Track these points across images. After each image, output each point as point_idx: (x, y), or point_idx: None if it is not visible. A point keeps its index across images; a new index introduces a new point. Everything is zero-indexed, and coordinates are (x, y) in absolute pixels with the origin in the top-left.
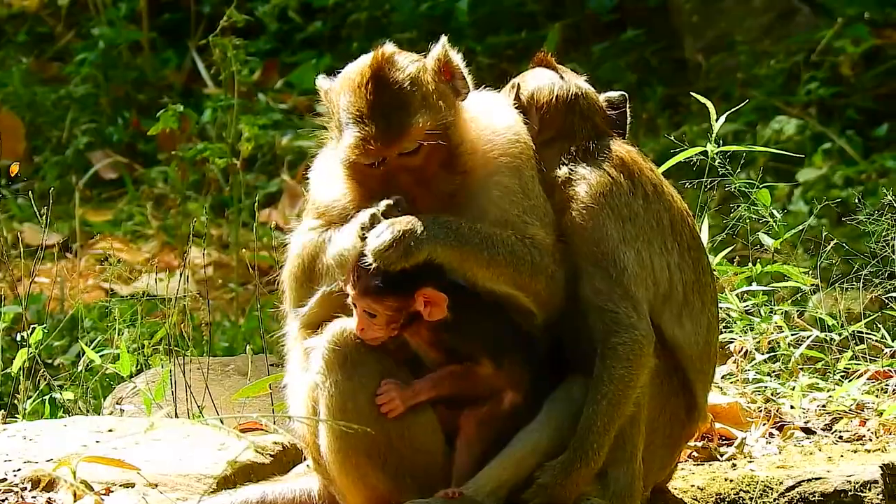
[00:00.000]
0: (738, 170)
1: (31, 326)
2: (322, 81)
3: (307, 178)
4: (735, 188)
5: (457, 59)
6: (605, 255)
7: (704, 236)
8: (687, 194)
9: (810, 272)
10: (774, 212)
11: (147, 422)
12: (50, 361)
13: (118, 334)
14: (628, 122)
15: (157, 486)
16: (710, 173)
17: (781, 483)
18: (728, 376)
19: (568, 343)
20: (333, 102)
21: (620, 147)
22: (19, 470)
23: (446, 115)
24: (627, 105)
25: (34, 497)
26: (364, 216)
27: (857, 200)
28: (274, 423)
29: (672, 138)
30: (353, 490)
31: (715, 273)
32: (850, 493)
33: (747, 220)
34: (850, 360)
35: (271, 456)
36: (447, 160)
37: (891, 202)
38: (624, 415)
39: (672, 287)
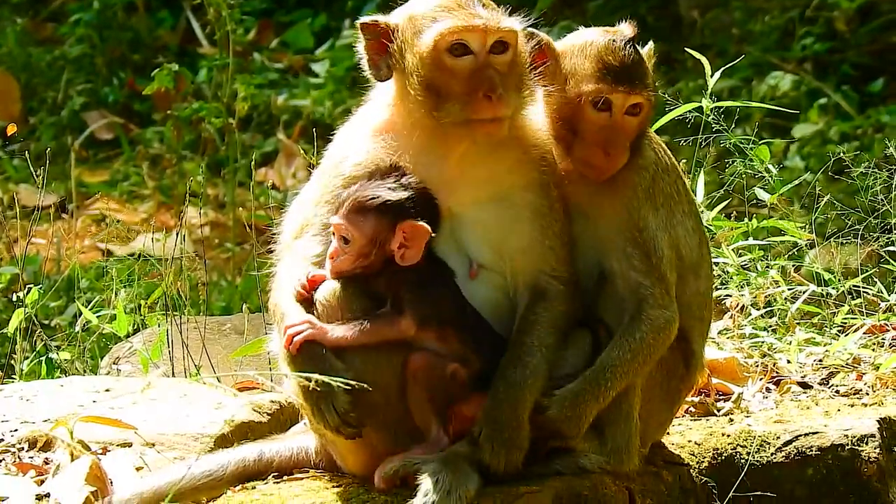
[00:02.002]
0: (734, 126)
1: (28, 287)
2: (374, 17)
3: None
4: (730, 144)
5: None
6: (645, 242)
7: (700, 193)
8: (682, 151)
9: (806, 227)
10: (770, 167)
11: (144, 381)
12: (47, 322)
13: (115, 294)
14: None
15: (154, 445)
16: (705, 130)
17: (778, 437)
18: (725, 332)
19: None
20: (410, 18)
21: None
22: (16, 430)
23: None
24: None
25: (31, 457)
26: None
27: (850, 154)
28: (271, 380)
29: (667, 96)
30: (351, 449)
31: (710, 227)
32: (847, 448)
33: (743, 176)
34: (846, 314)
35: (268, 415)
36: (519, 83)
37: (887, 156)
38: (637, 375)
39: (690, 253)
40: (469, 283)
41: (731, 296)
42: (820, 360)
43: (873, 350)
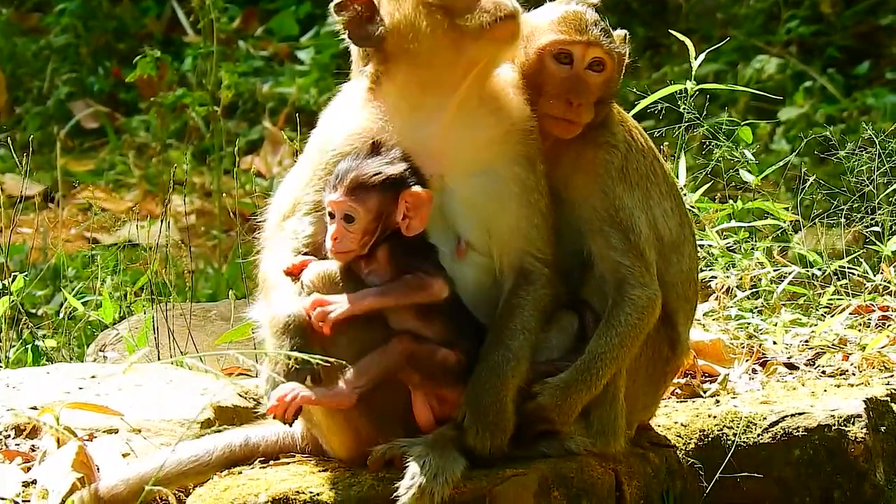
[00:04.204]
0: (721, 110)
1: (13, 274)
2: None
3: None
4: (709, 127)
5: None
6: (622, 221)
7: (682, 176)
8: (668, 136)
9: (790, 209)
10: (747, 151)
11: (126, 363)
12: (34, 311)
13: (101, 282)
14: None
15: (140, 431)
16: (690, 114)
17: (765, 418)
18: (710, 313)
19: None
20: None
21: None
22: (2, 418)
23: None
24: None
25: (18, 444)
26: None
27: (836, 136)
28: (256, 361)
29: (640, 92)
30: (337, 433)
31: (693, 209)
32: (833, 428)
33: (722, 160)
34: (832, 295)
35: (254, 399)
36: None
37: (871, 138)
38: (626, 359)
39: (670, 233)
40: (455, 264)
41: (716, 277)
42: (806, 341)
43: (859, 331)
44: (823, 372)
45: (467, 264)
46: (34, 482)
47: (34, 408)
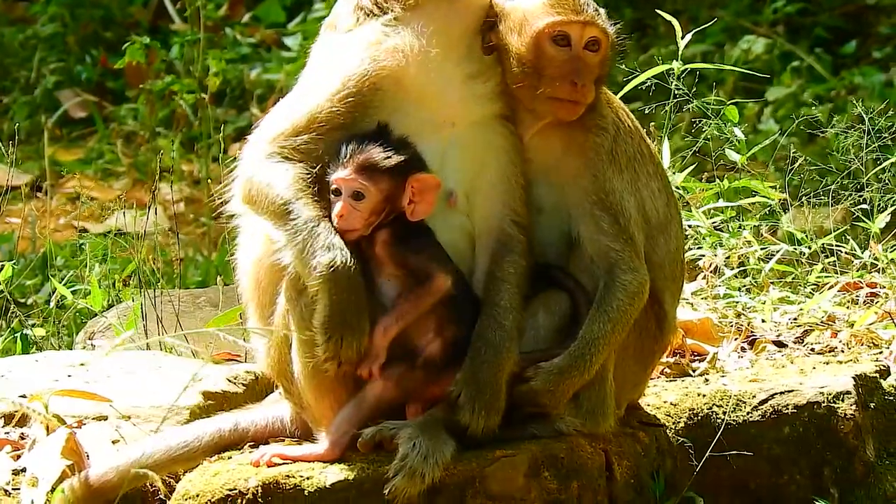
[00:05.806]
0: (709, 91)
1: (1, 263)
2: None
3: None
4: (696, 106)
5: None
6: (612, 205)
7: (666, 157)
8: (656, 117)
9: (777, 187)
10: (737, 130)
11: (112, 347)
12: (23, 300)
13: (89, 271)
14: None
15: (129, 418)
16: (677, 95)
17: (754, 396)
18: (699, 292)
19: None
20: None
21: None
22: None
23: None
24: None
25: (7, 433)
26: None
27: (824, 116)
28: (243, 338)
29: (628, 71)
30: (328, 415)
31: (682, 189)
32: (822, 405)
33: (711, 139)
34: (820, 272)
35: (244, 385)
36: None
37: (860, 115)
38: (618, 343)
39: (657, 214)
40: (438, 222)
41: (704, 256)
42: (794, 319)
43: (847, 308)
44: (812, 349)
45: (449, 227)
46: (23, 470)
47: (23, 396)
